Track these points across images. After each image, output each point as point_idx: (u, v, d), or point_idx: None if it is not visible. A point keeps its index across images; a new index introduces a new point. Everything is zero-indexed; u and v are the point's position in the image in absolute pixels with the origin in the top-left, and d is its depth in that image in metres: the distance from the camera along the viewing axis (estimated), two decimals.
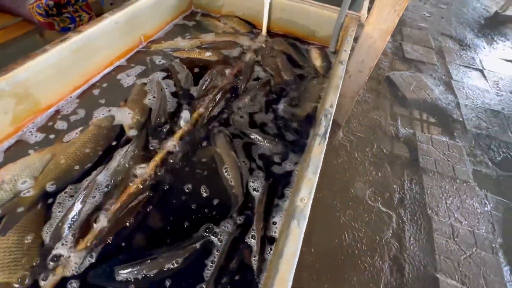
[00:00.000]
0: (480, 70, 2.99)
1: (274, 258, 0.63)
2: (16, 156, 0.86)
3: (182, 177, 0.88)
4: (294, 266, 0.56)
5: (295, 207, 0.65)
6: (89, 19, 1.82)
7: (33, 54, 0.91)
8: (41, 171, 0.86)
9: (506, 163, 2.09)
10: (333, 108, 0.92)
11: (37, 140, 0.93)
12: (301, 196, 0.67)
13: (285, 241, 0.60)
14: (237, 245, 0.75)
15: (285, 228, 0.68)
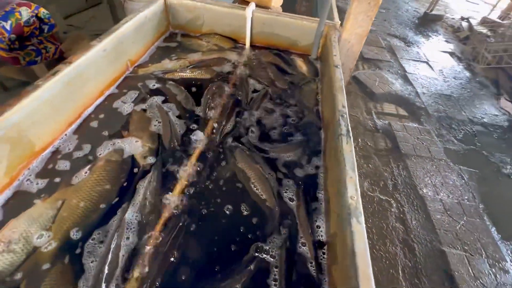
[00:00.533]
0: (426, 62, 3.43)
1: (343, 258, 0.64)
2: (17, 210, 0.75)
3: (210, 199, 0.85)
4: (369, 260, 0.58)
5: (348, 205, 0.67)
6: (56, 49, 1.69)
7: (25, 92, 0.81)
8: (53, 220, 0.76)
9: (467, 138, 2.40)
10: (346, 108, 0.97)
11: (39, 187, 0.82)
12: (350, 195, 0.69)
13: (352, 239, 0.61)
14: (292, 256, 0.74)
15: (339, 229, 0.69)
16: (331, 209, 0.80)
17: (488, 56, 3.54)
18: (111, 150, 0.94)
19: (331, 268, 0.70)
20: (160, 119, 1.10)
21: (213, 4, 1.57)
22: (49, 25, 1.52)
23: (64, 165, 0.89)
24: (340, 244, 0.67)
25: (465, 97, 2.85)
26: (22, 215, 0.74)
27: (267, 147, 1.03)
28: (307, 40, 1.61)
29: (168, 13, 1.64)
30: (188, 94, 1.24)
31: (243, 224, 0.80)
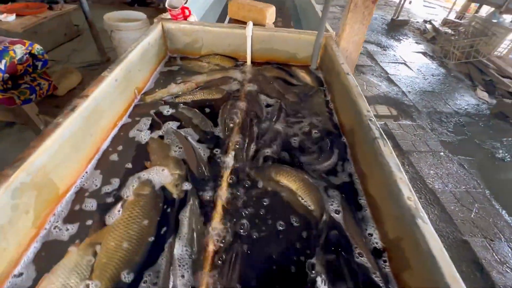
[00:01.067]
0: (404, 63, 3.65)
1: (417, 262, 0.62)
2: (50, 263, 0.67)
3: (254, 219, 0.81)
4: (450, 260, 0.57)
5: (408, 207, 0.67)
6: (49, 85, 1.61)
7: (47, 132, 0.76)
8: (92, 267, 0.69)
9: (457, 129, 2.53)
10: (371, 112, 0.99)
11: (71, 233, 0.74)
12: (406, 196, 0.69)
13: (424, 241, 0.60)
14: (353, 268, 0.72)
15: (403, 232, 0.68)
16: (383, 214, 0.79)
17: (456, 52, 3.84)
18: (140, 183, 0.88)
19: (401, 275, 0.68)
20: (180, 145, 1.06)
21: (212, 26, 1.59)
22: (43, 61, 1.46)
23: (90, 204, 0.82)
24: (409, 247, 0.65)
25: (446, 92, 3.05)
26: (56, 267, 0.67)
27: (302, 160, 1.02)
28: (306, 52, 1.66)
29: (166, 38, 1.63)
30: (204, 116, 1.22)
31: (293, 240, 0.77)
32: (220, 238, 0.76)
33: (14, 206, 0.64)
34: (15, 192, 0.64)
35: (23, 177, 0.66)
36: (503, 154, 2.27)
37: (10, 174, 0.63)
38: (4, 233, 0.62)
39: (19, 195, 0.66)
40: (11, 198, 0.63)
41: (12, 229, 0.64)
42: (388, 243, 0.75)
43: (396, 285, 0.69)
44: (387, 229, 0.76)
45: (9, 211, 0.63)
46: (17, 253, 0.66)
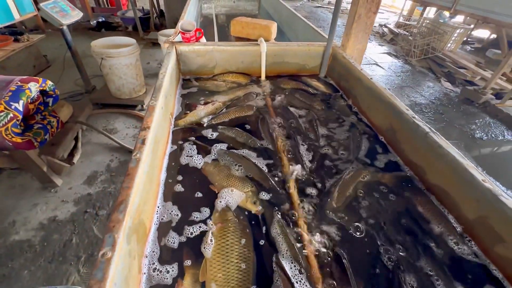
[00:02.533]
0: (375, 64, 4.01)
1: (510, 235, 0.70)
2: None
3: (340, 223, 0.84)
4: None
5: (487, 188, 0.76)
6: (58, 122, 1.49)
7: (132, 169, 0.72)
8: None
9: (437, 117, 2.84)
10: (410, 110, 1.10)
11: (173, 274, 0.70)
12: (481, 178, 0.78)
13: None
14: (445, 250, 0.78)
15: (488, 211, 0.77)
16: (456, 199, 0.87)
17: (416, 51, 4.33)
18: (221, 210, 0.86)
19: (493, 250, 0.76)
20: (238, 163, 1.05)
21: (225, 45, 1.62)
22: (53, 97, 1.36)
23: (176, 239, 0.78)
24: (498, 223, 0.74)
25: (417, 85, 3.41)
26: None
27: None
28: (314, 62, 1.77)
29: (179, 61, 1.62)
30: (248, 133, 1.23)
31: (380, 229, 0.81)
32: (316, 247, 0.78)
33: (129, 252, 0.60)
34: (128, 238, 0.60)
35: (129, 221, 0.62)
36: (481, 134, 2.60)
37: (122, 219, 0.59)
38: (127, 283, 0.57)
39: (129, 240, 0.61)
40: (127, 243, 0.59)
41: (131, 277, 0.59)
42: (468, 224, 0.83)
43: (488, 259, 0.77)
44: (465, 212, 0.84)
45: (128, 258, 0.59)
46: None
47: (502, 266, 0.74)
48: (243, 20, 1.92)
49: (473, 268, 0.75)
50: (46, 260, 1.39)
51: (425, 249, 0.79)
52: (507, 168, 2.18)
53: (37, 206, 1.69)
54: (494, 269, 0.75)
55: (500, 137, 2.59)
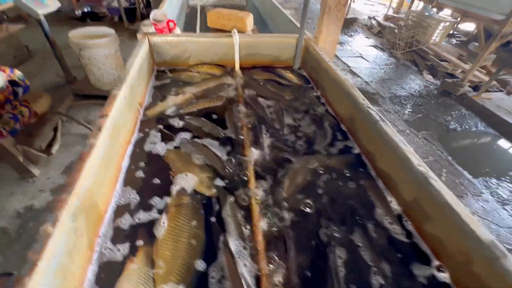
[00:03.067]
0: (361, 56, 4.05)
1: (439, 212, 0.77)
2: (110, 283, 0.68)
3: (287, 206, 0.90)
4: (463, 205, 0.72)
5: (420, 171, 0.82)
6: (29, 112, 1.50)
7: (84, 154, 0.76)
8: (153, 279, 0.71)
9: (415, 108, 2.91)
10: (366, 100, 1.15)
11: (123, 253, 0.75)
12: (416, 163, 0.85)
13: (440, 194, 0.75)
14: (380, 231, 0.85)
15: (421, 192, 0.83)
16: (397, 182, 0.94)
17: (401, 43, 4.38)
18: (176, 193, 0.91)
19: (423, 227, 0.82)
20: (199, 152, 1.10)
21: (199, 36, 1.64)
22: (24, 87, 1.37)
23: (132, 222, 0.83)
24: (428, 203, 0.80)
25: (399, 78, 3.47)
26: (119, 284, 0.68)
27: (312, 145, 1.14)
28: (288, 54, 1.80)
29: (152, 52, 1.63)
30: (213, 123, 1.27)
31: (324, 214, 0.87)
32: (265, 227, 0.84)
33: (75, 229, 0.64)
34: (74, 216, 0.64)
35: (76, 202, 0.66)
36: (455, 125, 2.69)
37: (67, 198, 0.64)
38: (72, 257, 0.62)
39: (75, 218, 0.66)
40: (72, 221, 0.64)
41: (76, 252, 0.64)
42: (405, 205, 0.90)
43: (419, 237, 0.84)
44: (403, 194, 0.91)
45: (73, 234, 0.63)
46: (81, 276, 0.66)
47: (430, 242, 0.81)
48: (219, 11, 1.93)
49: (403, 246, 0.82)
50: (21, 246, 1.43)
51: (362, 227, 0.85)
52: (475, 158, 2.27)
53: (14, 195, 1.72)
54: (424, 245, 0.82)
55: (473, 128, 2.68)
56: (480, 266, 0.66)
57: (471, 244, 0.68)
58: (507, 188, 2.01)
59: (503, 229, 1.71)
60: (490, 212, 1.81)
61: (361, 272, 0.74)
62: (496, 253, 0.62)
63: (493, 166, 2.20)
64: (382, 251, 0.79)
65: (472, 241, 0.67)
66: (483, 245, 0.65)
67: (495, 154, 2.38)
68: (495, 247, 0.63)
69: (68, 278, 0.61)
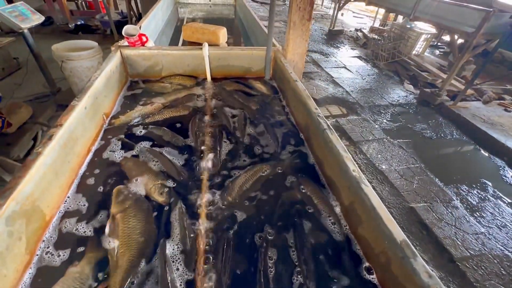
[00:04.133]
0: (344, 67, 4.16)
1: (367, 215, 0.81)
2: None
3: (234, 213, 0.94)
4: (386, 209, 0.76)
5: (354, 176, 0.87)
6: (3, 122, 1.55)
7: (29, 161, 0.79)
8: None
9: (393, 117, 2.99)
10: (318, 109, 1.21)
11: (63, 259, 0.78)
12: (352, 169, 0.89)
13: (368, 198, 0.79)
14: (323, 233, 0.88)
15: (354, 196, 0.87)
16: (338, 187, 0.98)
17: (384, 54, 4.51)
18: (118, 201, 0.94)
19: (357, 230, 0.86)
20: (155, 159, 1.14)
21: (170, 49, 1.71)
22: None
23: (79, 228, 0.86)
24: (359, 207, 0.84)
25: (381, 88, 3.57)
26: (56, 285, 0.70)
27: (267, 153, 1.18)
28: (259, 66, 1.87)
29: (125, 64, 1.70)
30: (173, 132, 1.31)
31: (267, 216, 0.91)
32: (208, 232, 0.87)
33: (10, 233, 0.68)
34: (8, 220, 0.68)
35: (13, 206, 0.70)
36: (430, 134, 2.75)
37: (2, 203, 0.67)
38: (3, 259, 0.65)
39: (12, 222, 0.69)
40: (6, 225, 0.67)
41: (10, 256, 0.67)
42: (344, 209, 0.94)
43: (356, 240, 0.87)
44: (343, 198, 0.95)
45: (6, 237, 0.66)
46: (15, 279, 0.68)
47: (361, 243, 0.84)
48: (194, 25, 2.02)
49: (337, 247, 0.85)
50: None
51: (300, 230, 0.88)
52: (448, 165, 2.32)
53: None
54: (358, 248, 0.85)
55: (448, 137, 2.75)
56: (396, 266, 0.69)
57: (389, 244, 0.71)
58: (477, 195, 2.06)
59: (469, 235, 1.73)
60: (458, 218, 1.84)
61: (289, 272, 0.77)
62: (407, 253, 0.66)
63: (465, 173, 2.25)
64: (318, 253, 0.83)
65: (390, 242, 0.71)
66: (397, 245, 0.68)
67: (468, 162, 2.43)
68: (407, 246, 0.67)
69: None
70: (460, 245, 1.65)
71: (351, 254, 0.84)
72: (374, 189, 1.97)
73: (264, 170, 1.10)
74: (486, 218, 1.87)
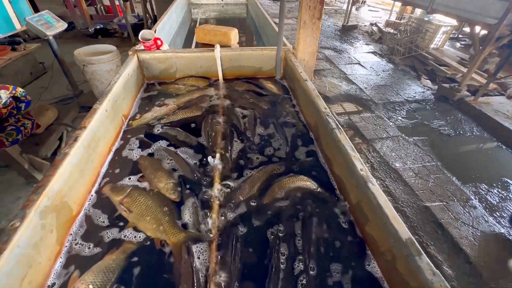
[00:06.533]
0: (358, 63, 4.08)
1: (373, 213, 0.82)
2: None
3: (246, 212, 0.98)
4: (392, 208, 0.78)
5: (361, 176, 0.88)
6: (32, 124, 1.67)
7: (57, 161, 0.87)
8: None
9: (409, 114, 2.91)
10: (327, 109, 1.22)
11: (89, 249, 0.85)
12: (359, 168, 0.90)
13: (375, 197, 0.80)
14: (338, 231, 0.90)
15: (361, 196, 0.89)
16: (346, 186, 1.00)
17: (400, 49, 4.37)
18: (115, 191, 1.01)
19: (365, 228, 0.88)
20: (170, 158, 1.20)
21: (184, 52, 1.77)
22: (26, 102, 1.53)
23: (100, 223, 0.93)
24: (367, 206, 0.86)
25: (396, 84, 3.47)
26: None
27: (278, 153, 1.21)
28: (269, 65, 1.90)
29: (142, 68, 1.78)
30: (187, 132, 1.36)
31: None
32: (220, 228, 0.91)
33: (43, 225, 0.75)
34: (41, 214, 0.75)
35: (45, 201, 0.78)
36: (449, 131, 2.66)
37: (36, 199, 0.75)
38: (38, 249, 0.73)
39: (44, 216, 0.77)
40: (39, 219, 0.75)
41: (43, 246, 0.75)
42: (353, 208, 0.96)
43: (364, 239, 0.89)
44: (351, 197, 0.96)
45: (40, 230, 0.74)
46: (48, 266, 0.76)
47: (368, 242, 0.86)
48: (206, 27, 2.07)
49: (350, 245, 0.87)
50: None
51: (310, 228, 0.91)
52: (467, 164, 2.24)
53: (19, 199, 1.89)
54: (367, 248, 0.87)
55: (468, 134, 2.64)
56: (401, 264, 0.71)
57: (394, 242, 0.73)
58: (497, 195, 1.98)
59: (489, 236, 1.67)
60: (476, 218, 1.78)
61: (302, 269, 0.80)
62: (412, 251, 0.67)
63: (485, 172, 2.16)
64: (328, 249, 0.85)
65: (396, 240, 0.72)
66: (403, 243, 0.70)
67: (489, 160, 2.33)
68: (412, 244, 0.68)
69: (34, 267, 0.71)
70: (478, 246, 1.60)
71: (362, 251, 0.86)
72: (387, 187, 1.96)
73: (276, 170, 1.13)
74: (506, 218, 1.80)
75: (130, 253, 0.83)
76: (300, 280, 0.78)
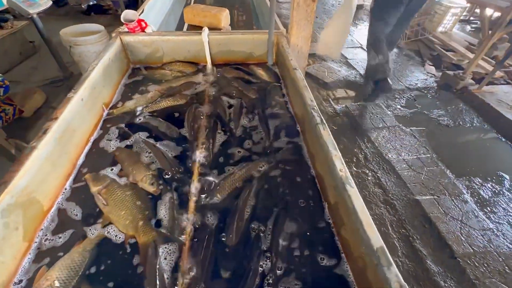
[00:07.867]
0: (360, 47, 3.90)
1: (349, 217, 0.79)
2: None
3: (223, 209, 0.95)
4: (368, 213, 0.74)
5: (340, 177, 0.84)
6: (14, 109, 1.63)
7: (24, 156, 0.84)
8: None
9: (409, 103, 2.81)
10: (314, 101, 1.16)
11: (61, 242, 0.84)
12: (339, 168, 0.86)
13: (351, 200, 0.77)
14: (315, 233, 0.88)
15: (339, 197, 0.85)
16: (326, 185, 0.96)
17: (407, 31, 4.15)
18: (94, 180, 0.99)
19: (340, 231, 0.85)
20: (149, 150, 1.16)
21: (170, 34, 1.68)
22: (4, 87, 1.48)
23: (75, 216, 0.91)
24: (343, 208, 0.83)
25: (398, 70, 3.34)
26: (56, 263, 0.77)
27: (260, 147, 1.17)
28: (261, 50, 1.80)
29: (126, 51, 1.69)
30: (168, 123, 1.31)
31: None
32: (195, 225, 0.90)
33: (5, 224, 0.73)
34: (3, 213, 0.73)
35: (8, 199, 0.75)
36: (448, 121, 2.58)
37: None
38: (0, 249, 0.71)
39: (7, 214, 0.74)
40: (1, 218, 0.72)
41: (6, 244, 0.73)
42: (331, 209, 0.93)
43: (339, 242, 0.86)
44: (330, 198, 0.93)
45: (2, 228, 0.72)
46: (13, 264, 0.75)
47: (343, 245, 0.84)
48: (195, 7, 1.94)
49: (323, 247, 0.85)
50: None
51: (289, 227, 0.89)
52: (462, 156, 2.19)
53: None
54: (341, 251, 0.85)
55: (467, 125, 2.56)
56: (371, 272, 0.69)
57: (366, 250, 0.70)
58: (490, 189, 1.94)
59: (476, 231, 1.67)
60: (466, 213, 1.76)
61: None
62: (382, 261, 0.65)
63: (481, 165, 2.11)
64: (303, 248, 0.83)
65: (367, 247, 0.70)
66: (373, 252, 0.67)
67: (486, 153, 2.27)
68: (383, 254, 0.66)
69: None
70: (464, 241, 1.60)
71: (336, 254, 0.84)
72: (379, 179, 1.93)
73: (261, 166, 1.09)
74: (497, 213, 1.78)
75: (96, 244, 0.82)
76: (267, 280, 0.76)
